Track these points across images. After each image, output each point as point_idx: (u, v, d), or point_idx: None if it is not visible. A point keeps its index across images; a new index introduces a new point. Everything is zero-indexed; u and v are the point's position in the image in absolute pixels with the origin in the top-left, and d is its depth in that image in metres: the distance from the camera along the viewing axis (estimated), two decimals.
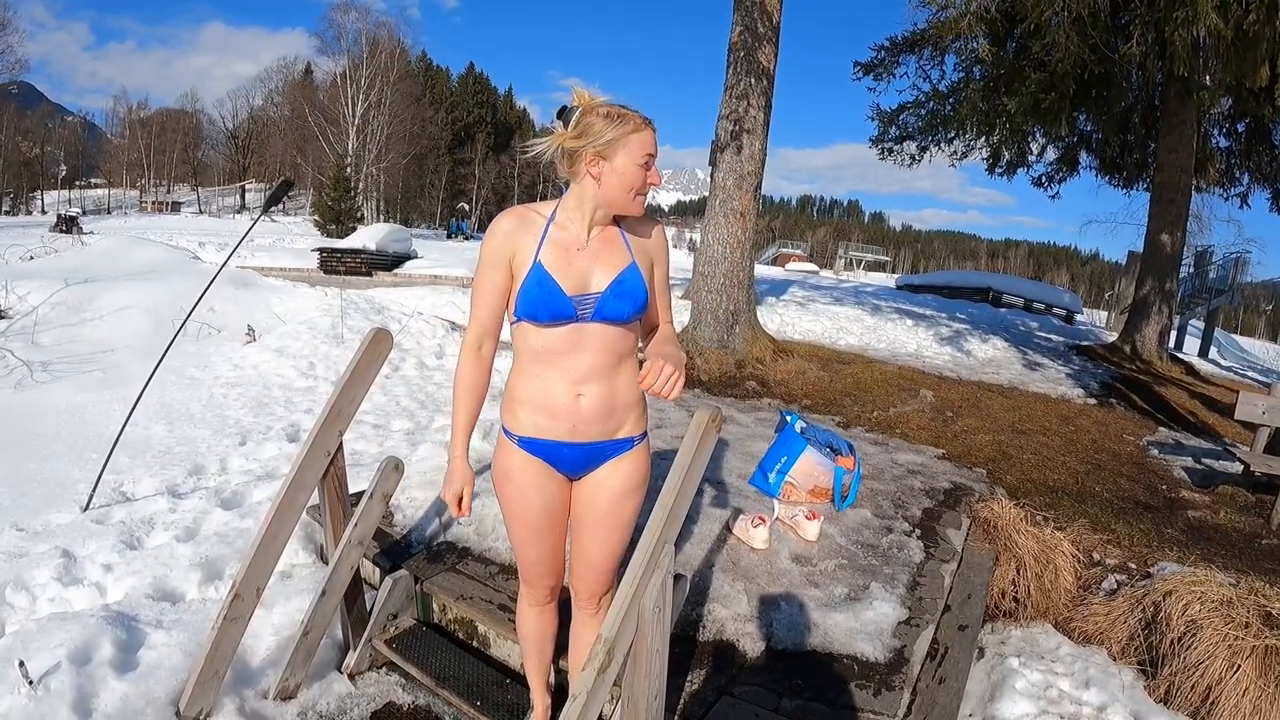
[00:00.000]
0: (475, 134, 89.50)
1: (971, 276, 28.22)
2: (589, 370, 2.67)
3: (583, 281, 2.62)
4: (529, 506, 2.85)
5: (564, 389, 2.68)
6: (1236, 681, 4.28)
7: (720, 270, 10.53)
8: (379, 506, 3.74)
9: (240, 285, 13.76)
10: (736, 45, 10.48)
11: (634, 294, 2.66)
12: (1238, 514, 7.06)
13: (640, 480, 2.87)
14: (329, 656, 4.04)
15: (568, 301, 2.59)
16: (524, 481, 2.81)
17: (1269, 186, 18.69)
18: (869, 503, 5.70)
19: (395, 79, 63.69)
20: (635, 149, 2.51)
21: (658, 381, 2.39)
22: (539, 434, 2.74)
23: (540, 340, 2.66)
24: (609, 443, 2.78)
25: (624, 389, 2.76)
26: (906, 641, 3.96)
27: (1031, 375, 13.06)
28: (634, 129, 2.50)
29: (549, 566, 3.04)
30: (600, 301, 2.61)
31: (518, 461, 2.80)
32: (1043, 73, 14.02)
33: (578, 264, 2.62)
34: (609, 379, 2.71)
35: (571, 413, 2.69)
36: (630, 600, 2.43)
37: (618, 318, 2.64)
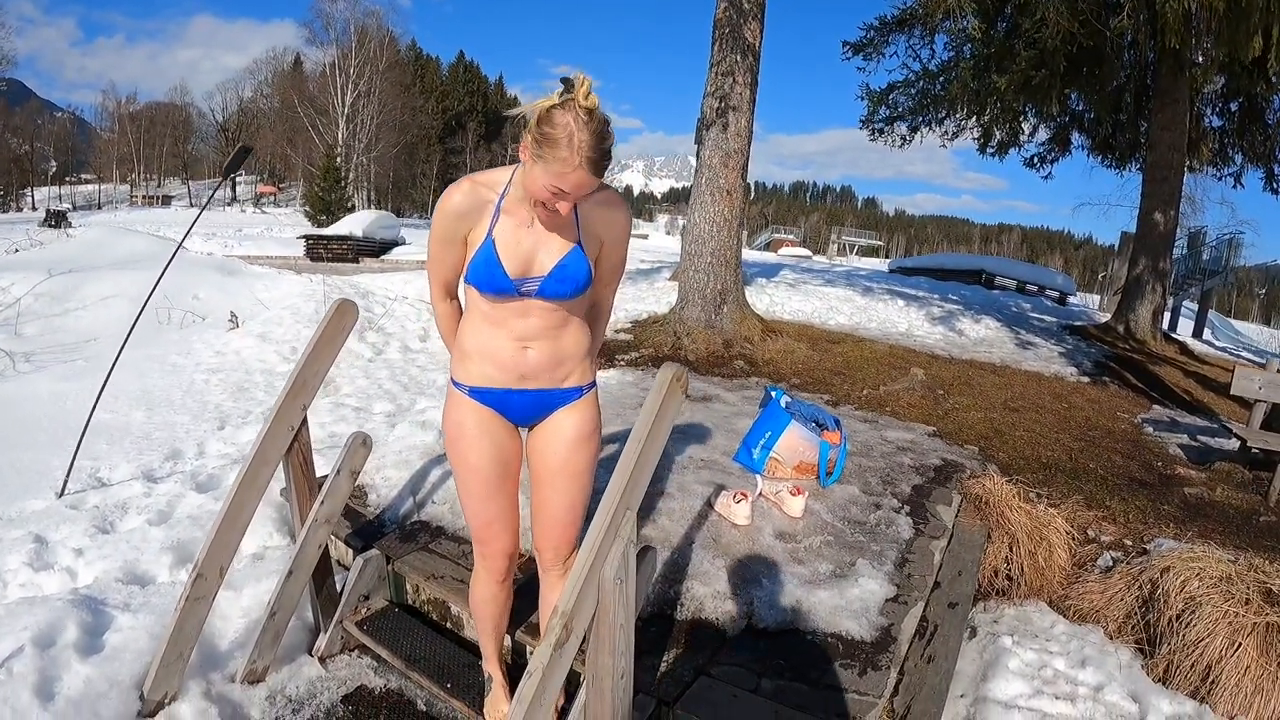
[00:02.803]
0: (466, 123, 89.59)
1: (964, 259, 28.18)
2: (534, 331, 2.71)
3: (527, 263, 2.61)
4: (482, 457, 2.83)
5: (510, 345, 2.72)
6: (1237, 660, 4.17)
7: (708, 249, 10.38)
8: (346, 483, 3.64)
9: (226, 273, 13.76)
10: (722, 21, 10.31)
11: (575, 278, 2.64)
12: (1235, 490, 6.95)
13: (592, 428, 2.87)
14: (299, 639, 3.96)
15: (510, 282, 2.60)
16: (477, 431, 2.82)
17: (1262, 166, 18.55)
18: (857, 479, 5.55)
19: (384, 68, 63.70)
20: (553, 175, 2.36)
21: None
22: (488, 383, 2.78)
23: (487, 304, 2.69)
24: (557, 390, 2.81)
25: (571, 344, 2.79)
26: (894, 619, 3.81)
27: (1024, 354, 12.94)
28: (565, 162, 2.33)
29: (505, 524, 2.97)
30: (542, 284, 2.62)
31: (469, 412, 2.82)
32: (1033, 50, 13.92)
33: (524, 244, 2.60)
34: (555, 336, 2.74)
35: (519, 363, 2.73)
36: (589, 570, 2.28)
37: (559, 297, 2.66)
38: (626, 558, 2.37)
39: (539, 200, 2.45)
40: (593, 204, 2.64)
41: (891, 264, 33.92)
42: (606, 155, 2.37)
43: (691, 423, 6.58)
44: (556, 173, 2.34)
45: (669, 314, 10.99)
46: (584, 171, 2.34)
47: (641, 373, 8.65)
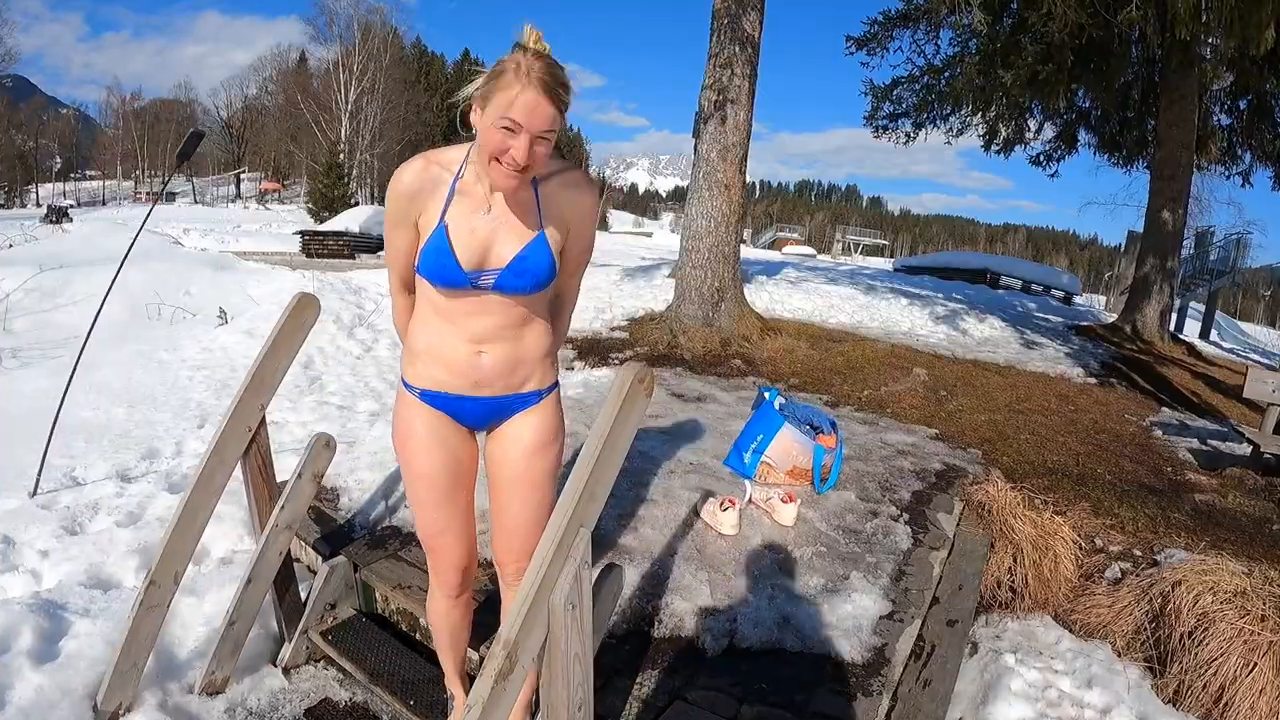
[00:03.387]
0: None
1: (969, 258, 28.16)
2: (490, 331, 2.49)
3: (482, 254, 2.38)
4: (433, 463, 2.64)
5: (464, 347, 2.50)
6: (1253, 681, 3.99)
7: (705, 245, 10.17)
8: (308, 487, 3.46)
9: (218, 268, 13.69)
10: (720, 12, 10.09)
11: (535, 271, 2.41)
12: (1247, 497, 6.73)
13: (552, 434, 2.68)
14: (264, 648, 3.83)
15: (463, 275, 2.38)
16: (427, 436, 2.63)
17: (1271, 165, 18.41)
18: (854, 485, 5.33)
19: (388, 65, 63.63)
20: (501, 107, 2.13)
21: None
22: (439, 387, 2.58)
23: (439, 298, 2.47)
24: (514, 396, 2.61)
25: (530, 345, 2.58)
26: (888, 639, 3.59)
27: (1029, 354, 12.71)
28: (510, 86, 2.12)
29: (457, 535, 2.78)
30: (500, 278, 2.40)
31: (419, 415, 2.63)
32: (1040, 44, 13.74)
33: (480, 233, 2.38)
34: (514, 337, 2.53)
35: (473, 369, 2.53)
36: (534, 595, 2.03)
37: (518, 292, 2.43)
38: (580, 581, 2.12)
39: (492, 157, 2.18)
40: (556, 185, 2.42)
41: (896, 263, 33.92)
42: (562, 85, 2.15)
43: (683, 423, 6.39)
44: (504, 102, 2.12)
45: (666, 311, 10.80)
46: (534, 92, 2.10)
47: None
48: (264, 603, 3.51)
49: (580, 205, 2.49)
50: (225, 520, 4.66)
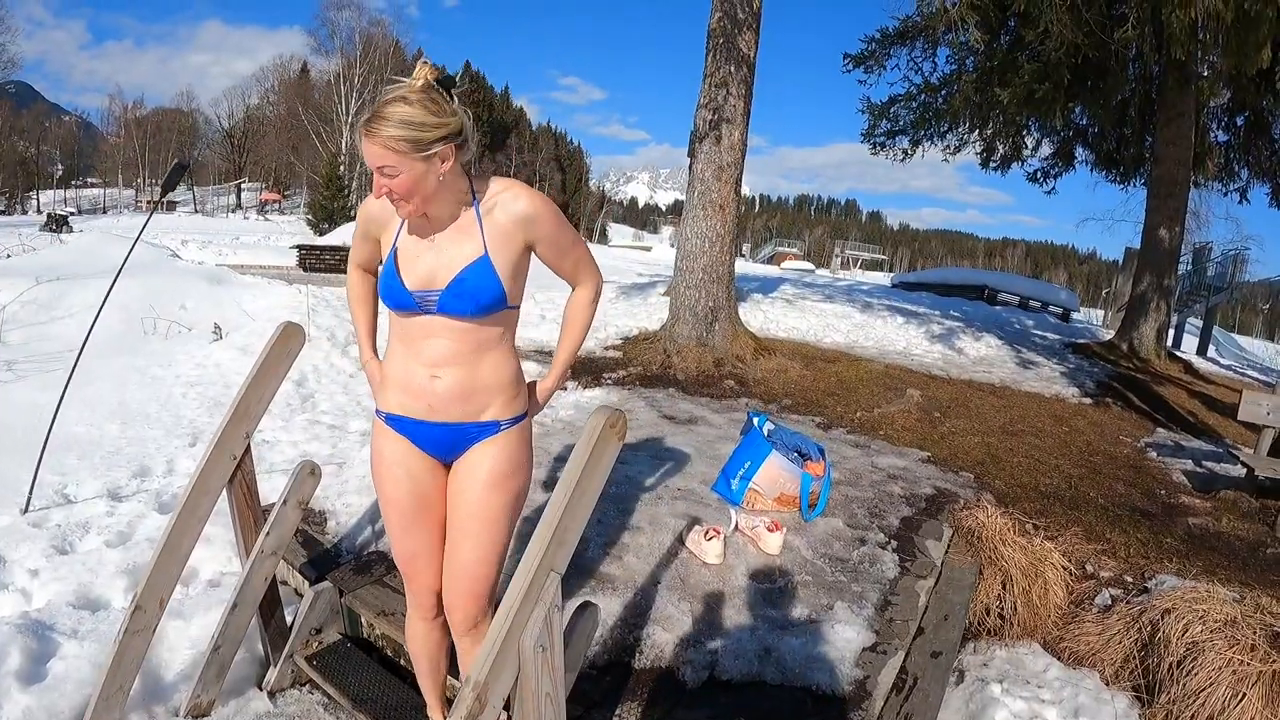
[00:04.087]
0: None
1: (967, 274, 28.15)
2: (443, 356, 2.53)
3: (426, 276, 2.47)
4: (399, 488, 2.71)
5: (420, 370, 2.56)
6: (1241, 711, 3.95)
7: (699, 265, 10.17)
8: (294, 514, 3.47)
9: (214, 283, 13.61)
10: (716, 31, 10.12)
11: (475, 294, 2.44)
12: (1241, 520, 6.70)
13: (509, 468, 2.64)
14: (249, 672, 3.83)
15: (408, 296, 2.48)
16: (392, 460, 2.70)
17: (1268, 181, 18.50)
18: (842, 511, 5.30)
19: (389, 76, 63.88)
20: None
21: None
22: (401, 411, 2.66)
23: (397, 321, 2.60)
24: (471, 425, 2.61)
25: (488, 373, 2.58)
26: (870, 671, 3.56)
27: (1025, 374, 12.72)
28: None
29: (427, 561, 2.79)
30: (440, 299, 2.46)
31: (386, 439, 2.72)
32: (1037, 63, 13.81)
33: (425, 256, 2.49)
34: (468, 364, 2.55)
35: (427, 392, 2.57)
36: (504, 638, 2.03)
37: (461, 314, 2.47)
38: (551, 625, 2.11)
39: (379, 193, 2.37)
40: (496, 205, 2.48)
41: (894, 279, 33.91)
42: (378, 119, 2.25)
43: (672, 447, 6.36)
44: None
45: (660, 331, 10.80)
46: (366, 142, 2.26)
47: (628, 392, 8.44)
48: (250, 627, 3.52)
49: (526, 214, 2.48)
50: (214, 542, 4.66)
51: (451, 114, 2.31)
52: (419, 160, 2.26)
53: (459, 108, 2.34)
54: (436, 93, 2.29)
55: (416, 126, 2.22)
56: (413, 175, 2.28)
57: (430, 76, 2.29)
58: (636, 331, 11.57)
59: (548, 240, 2.54)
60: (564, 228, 2.59)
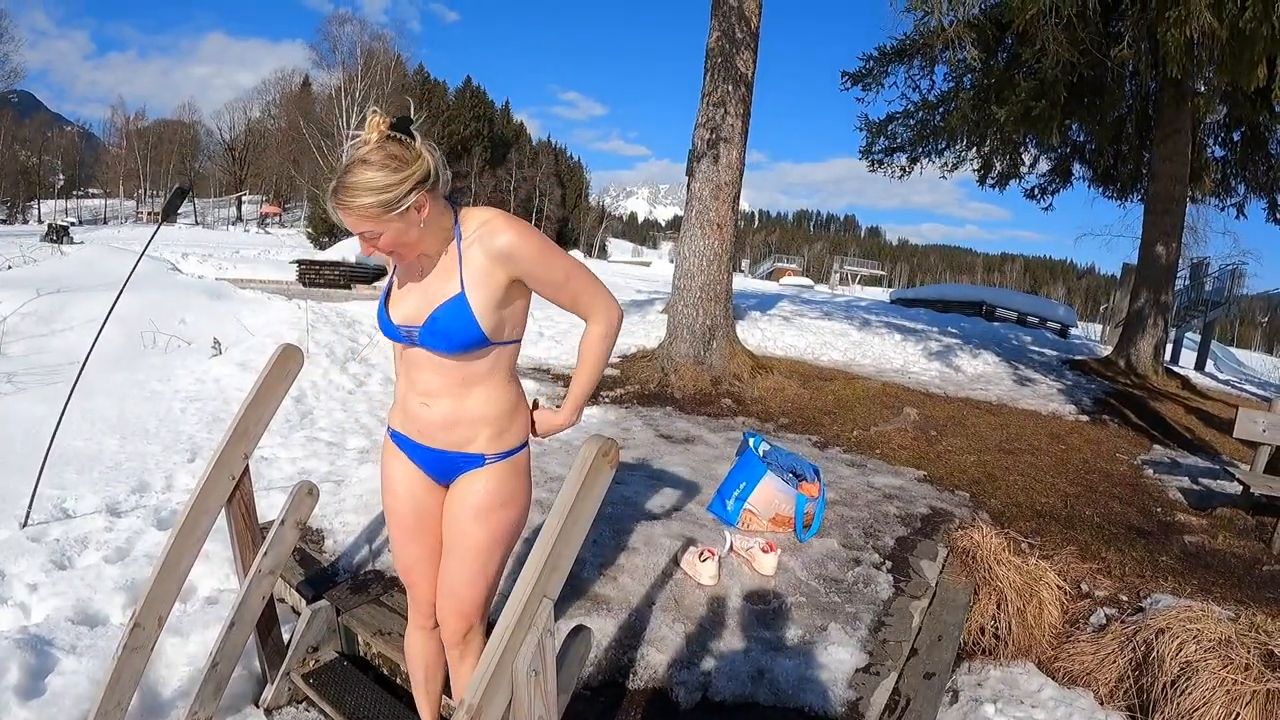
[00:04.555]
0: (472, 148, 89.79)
1: (965, 290, 28.18)
2: (431, 387, 2.56)
3: (409, 312, 2.49)
4: (400, 503, 2.76)
5: (414, 396, 2.61)
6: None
7: (697, 284, 10.22)
8: (291, 534, 3.46)
9: (214, 297, 13.54)
10: (714, 51, 10.17)
11: (449, 334, 2.42)
12: (1237, 538, 6.74)
13: (494, 502, 2.61)
14: (246, 689, 3.81)
15: (393, 328, 2.53)
16: (391, 474, 2.77)
17: (1265, 196, 18.55)
18: (837, 531, 5.32)
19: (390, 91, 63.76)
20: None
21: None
22: (400, 429, 2.71)
23: (395, 346, 2.68)
24: (458, 454, 2.61)
25: (475, 406, 2.56)
26: (863, 693, 3.57)
27: (1022, 391, 12.75)
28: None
29: (423, 573, 2.84)
30: (420, 336, 2.47)
31: (391, 454, 2.77)
32: (1033, 80, 13.86)
33: (411, 292, 2.50)
34: (455, 396, 2.55)
35: (419, 418, 2.62)
36: (497, 662, 2.06)
37: (439, 350, 2.47)
38: (544, 649, 2.14)
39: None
40: (476, 241, 2.41)
41: (892, 294, 33.93)
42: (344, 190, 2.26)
43: (668, 467, 6.38)
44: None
45: (658, 349, 10.83)
46: (339, 212, 2.29)
47: (626, 410, 8.46)
48: (247, 644, 3.52)
49: (503, 250, 2.39)
50: (212, 559, 4.65)
51: (416, 159, 2.27)
52: (395, 219, 2.26)
53: (422, 146, 2.30)
54: (395, 142, 2.26)
55: (383, 189, 2.21)
56: (393, 233, 2.29)
57: (383, 128, 2.26)
58: (634, 349, 11.61)
59: (533, 275, 2.44)
60: (550, 259, 2.46)
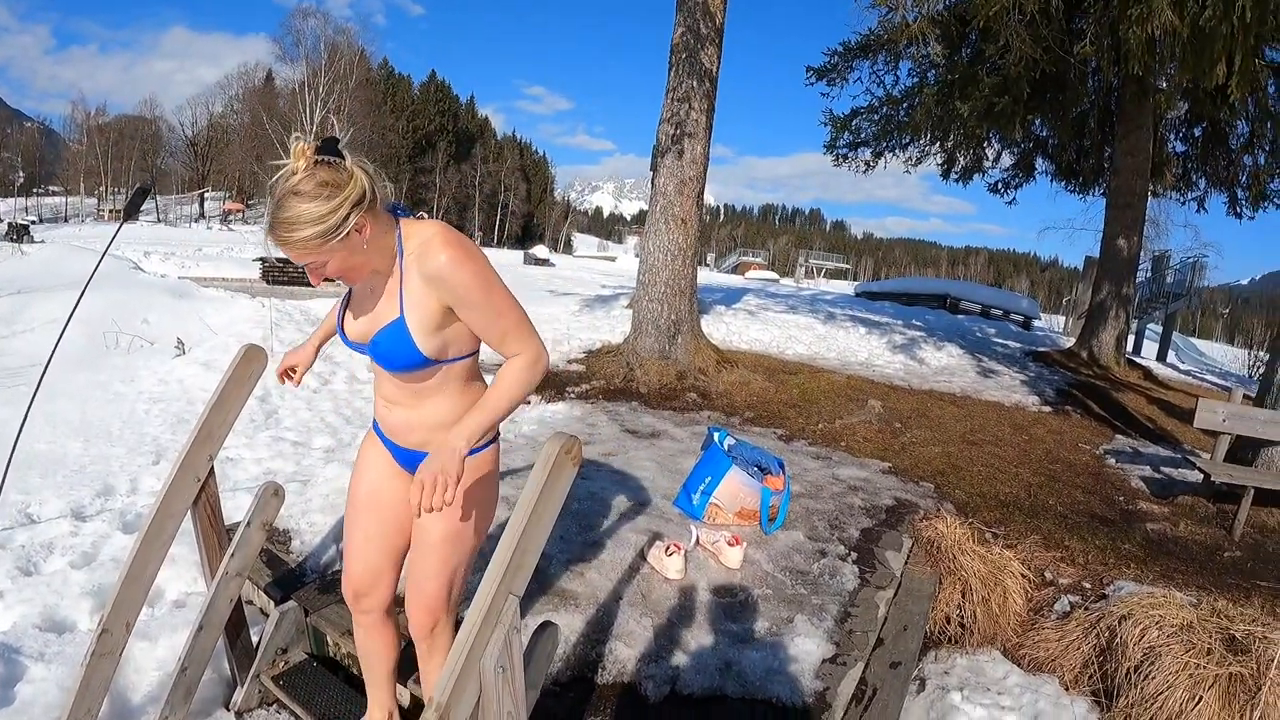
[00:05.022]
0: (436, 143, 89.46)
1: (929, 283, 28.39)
2: (389, 394, 2.62)
3: (359, 330, 2.51)
4: (359, 482, 2.82)
5: (379, 398, 2.67)
6: (1198, 714, 4.05)
7: (661, 278, 10.22)
8: (257, 535, 3.43)
9: (177, 296, 13.42)
10: (679, 47, 10.16)
11: (390, 356, 2.42)
12: (1198, 525, 6.85)
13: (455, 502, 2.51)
14: (216, 693, 3.78)
15: (349, 341, 2.57)
16: (363, 456, 2.82)
17: (1225, 190, 18.75)
18: (803, 523, 5.34)
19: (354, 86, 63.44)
20: None
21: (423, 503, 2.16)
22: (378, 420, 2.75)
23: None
24: (419, 453, 2.62)
25: (430, 414, 2.58)
26: (830, 683, 3.60)
27: (986, 383, 12.85)
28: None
29: (356, 556, 2.86)
30: (370, 352, 2.49)
31: (368, 437, 2.84)
32: (997, 76, 13.95)
33: (363, 309, 2.49)
34: (408, 405, 2.60)
35: (384, 418, 2.69)
36: (465, 659, 2.06)
37: (386, 368, 2.51)
38: (510, 645, 2.14)
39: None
40: (414, 262, 2.33)
41: (858, 288, 34.10)
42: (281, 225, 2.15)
43: (634, 461, 6.38)
44: None
45: (623, 344, 10.83)
46: (281, 248, 2.19)
47: (591, 406, 8.44)
48: (216, 647, 3.49)
49: (435, 275, 2.29)
50: (179, 562, 4.61)
51: (349, 180, 2.17)
52: (338, 245, 2.19)
53: (353, 164, 2.20)
54: (325, 166, 2.15)
55: (319, 219, 2.13)
56: (339, 259, 2.24)
57: (309, 154, 2.14)
58: (599, 344, 11.59)
59: (460, 306, 2.33)
60: (484, 291, 2.33)
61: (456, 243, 2.31)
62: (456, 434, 2.27)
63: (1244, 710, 4.02)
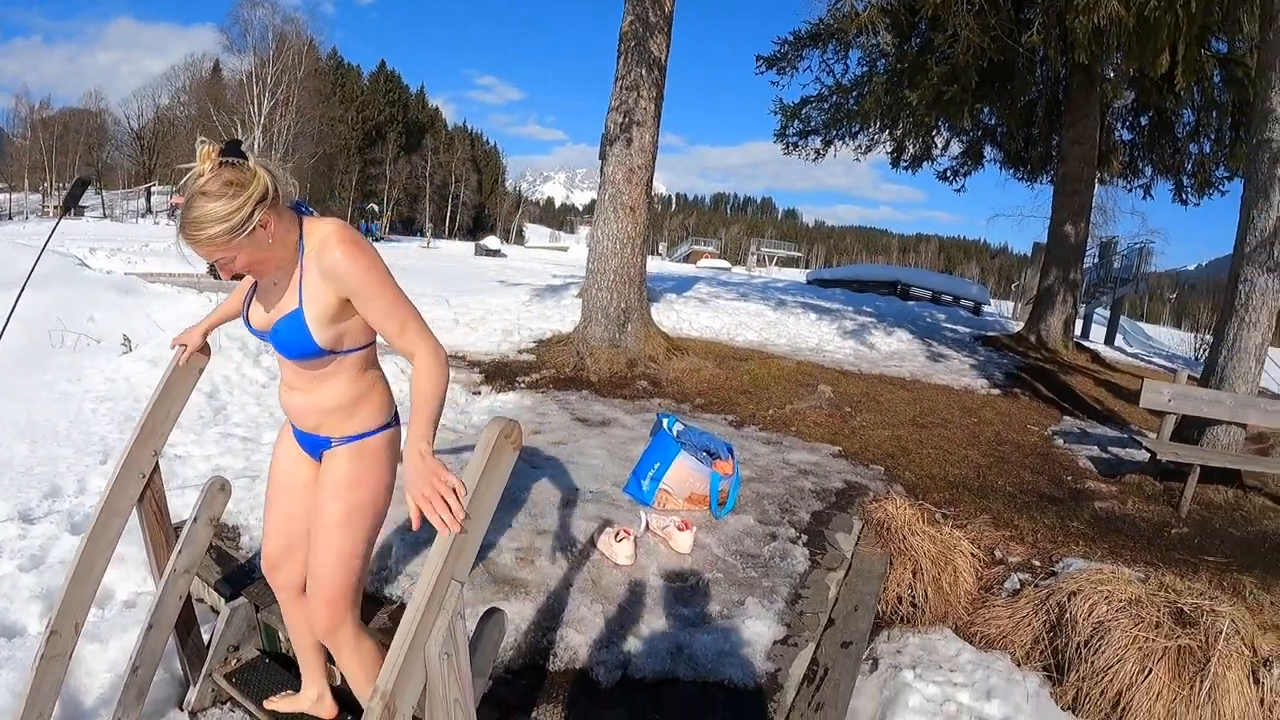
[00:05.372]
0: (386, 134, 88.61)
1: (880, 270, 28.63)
2: (289, 379, 2.69)
3: (259, 319, 2.59)
4: (275, 461, 2.91)
5: (281, 383, 2.74)
6: (1148, 686, 4.13)
7: (611, 267, 10.20)
8: (204, 531, 3.36)
9: (124, 292, 13.22)
10: (627, 35, 10.13)
11: (288, 345, 2.51)
12: (1146, 503, 6.96)
13: (346, 482, 2.66)
14: (169, 693, 3.73)
15: (252, 329, 2.64)
16: (281, 437, 2.88)
17: (1171, 177, 19.05)
18: (753, 508, 5.36)
19: (303, 76, 62.60)
20: None
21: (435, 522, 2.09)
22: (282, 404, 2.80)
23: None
24: (316, 437, 2.70)
25: (324, 398, 2.64)
26: (781, 664, 3.61)
27: (935, 367, 12.95)
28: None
29: (271, 533, 2.97)
30: (270, 340, 2.56)
31: (283, 428, 2.88)
32: (945, 65, 14.06)
33: (265, 299, 2.56)
34: (307, 390, 2.65)
35: (285, 402, 2.74)
36: (409, 646, 2.04)
37: (288, 357, 2.57)
38: (454, 631, 2.12)
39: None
40: (313, 256, 2.44)
41: (809, 275, 34.23)
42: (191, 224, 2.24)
43: (585, 449, 6.37)
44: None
45: (573, 333, 10.79)
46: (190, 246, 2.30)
47: (542, 395, 8.40)
48: (168, 646, 3.45)
49: (329, 269, 2.38)
50: (128, 562, 4.53)
51: (252, 178, 2.26)
52: (244, 241, 2.27)
53: (256, 164, 2.29)
54: (229, 168, 2.25)
55: (225, 217, 2.22)
56: (246, 254, 2.31)
57: (214, 156, 2.25)
58: (550, 334, 11.53)
59: (356, 298, 2.41)
60: (376, 286, 2.40)
61: (350, 240, 2.41)
62: (411, 445, 2.26)
63: (1193, 681, 4.09)
